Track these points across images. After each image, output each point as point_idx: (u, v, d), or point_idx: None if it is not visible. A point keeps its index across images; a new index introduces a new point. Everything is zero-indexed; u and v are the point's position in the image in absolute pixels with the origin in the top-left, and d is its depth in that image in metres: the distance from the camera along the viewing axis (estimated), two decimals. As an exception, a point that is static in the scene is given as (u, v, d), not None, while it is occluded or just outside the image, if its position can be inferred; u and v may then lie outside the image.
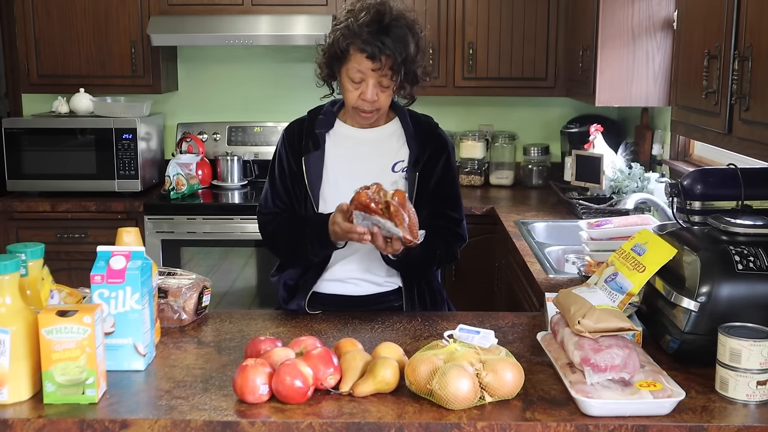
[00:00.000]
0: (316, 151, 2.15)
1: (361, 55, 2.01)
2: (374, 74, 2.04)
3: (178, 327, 1.95)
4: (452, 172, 2.21)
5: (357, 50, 2.02)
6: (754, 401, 1.51)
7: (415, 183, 2.13)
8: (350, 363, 1.59)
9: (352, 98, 2.08)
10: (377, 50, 2.00)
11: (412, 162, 2.15)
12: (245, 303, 3.94)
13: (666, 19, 3.37)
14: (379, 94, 2.07)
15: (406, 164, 2.16)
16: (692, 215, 1.92)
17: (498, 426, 1.44)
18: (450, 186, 2.20)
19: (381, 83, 2.06)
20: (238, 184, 4.27)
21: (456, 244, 2.20)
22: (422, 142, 2.17)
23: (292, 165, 2.18)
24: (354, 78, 2.06)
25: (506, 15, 4.06)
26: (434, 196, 2.16)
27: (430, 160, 2.17)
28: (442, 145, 2.20)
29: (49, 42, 4.11)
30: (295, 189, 2.18)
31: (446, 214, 2.19)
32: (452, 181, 2.21)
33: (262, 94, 4.50)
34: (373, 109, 2.10)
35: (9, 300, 1.49)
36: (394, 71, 2.03)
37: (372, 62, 2.01)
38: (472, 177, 4.38)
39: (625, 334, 1.58)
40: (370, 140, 2.20)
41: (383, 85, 2.06)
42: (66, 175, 4.00)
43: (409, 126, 2.19)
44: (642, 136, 3.88)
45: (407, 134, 2.18)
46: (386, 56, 2.01)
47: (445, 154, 2.19)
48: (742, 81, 1.89)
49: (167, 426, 1.44)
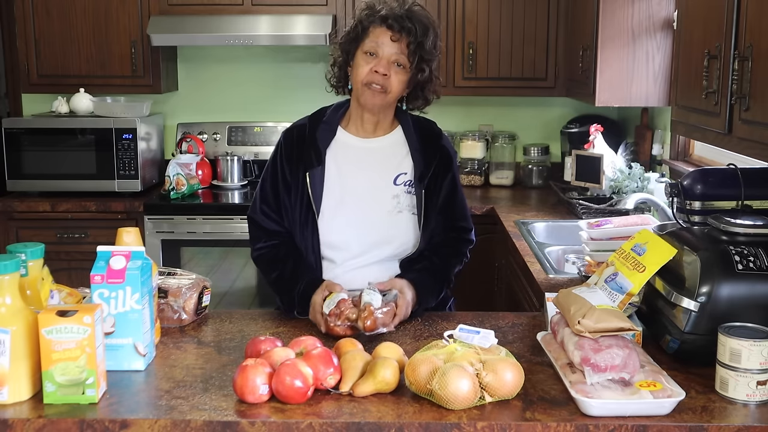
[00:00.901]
0: (319, 166, 2.11)
1: (381, 27, 2.03)
2: (391, 47, 2.03)
3: (178, 327, 1.95)
4: (458, 184, 2.22)
5: (377, 24, 2.04)
6: (754, 401, 1.51)
7: (422, 198, 2.12)
8: (350, 363, 1.59)
9: (363, 73, 2.05)
10: (397, 24, 2.02)
11: (418, 177, 2.13)
12: (245, 303, 3.94)
13: (666, 19, 3.37)
14: (391, 74, 2.04)
15: (409, 178, 2.14)
16: (692, 215, 1.92)
17: (498, 426, 1.44)
18: (458, 198, 2.20)
19: (397, 61, 2.04)
20: (238, 184, 4.27)
21: (468, 248, 2.24)
22: (427, 155, 2.15)
23: (287, 175, 2.13)
24: (369, 49, 2.05)
25: (506, 15, 4.06)
26: (444, 209, 2.16)
27: (436, 173, 2.15)
28: (447, 157, 2.18)
29: (49, 42, 4.12)
30: (286, 199, 2.14)
31: (458, 226, 2.21)
32: (459, 193, 2.21)
33: (262, 94, 4.50)
34: (382, 85, 2.05)
35: (9, 300, 1.49)
36: (410, 51, 2.03)
37: (392, 32, 2.02)
38: (472, 177, 4.38)
39: (625, 334, 1.58)
40: (372, 150, 2.17)
41: (399, 62, 2.04)
42: (66, 175, 4.00)
43: (412, 136, 2.16)
44: (642, 136, 3.88)
45: (411, 146, 2.16)
46: (406, 32, 2.02)
47: (450, 168, 2.18)
48: (742, 81, 1.89)
49: (167, 426, 1.44)
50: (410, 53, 2.03)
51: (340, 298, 1.91)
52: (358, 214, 2.11)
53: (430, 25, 2.07)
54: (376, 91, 2.06)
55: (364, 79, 2.05)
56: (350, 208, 2.11)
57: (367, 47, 2.05)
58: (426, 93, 2.15)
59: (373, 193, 2.13)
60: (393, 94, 2.08)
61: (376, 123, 2.16)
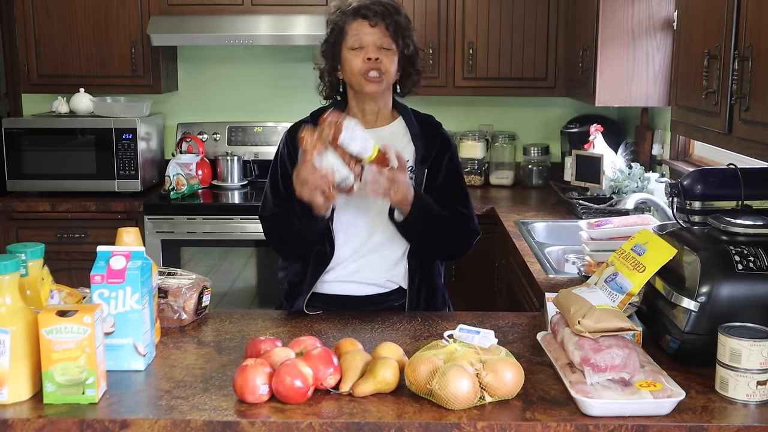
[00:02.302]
0: None
1: (357, 20, 2.10)
2: (372, 34, 2.08)
3: (178, 327, 1.95)
4: (458, 171, 2.24)
5: (352, 19, 2.11)
6: (754, 401, 1.51)
7: (423, 180, 2.14)
8: (350, 363, 1.59)
9: (356, 65, 2.09)
10: (369, 11, 2.09)
11: (420, 160, 2.16)
12: (245, 303, 3.94)
13: (666, 19, 3.37)
14: (382, 57, 2.09)
15: (412, 163, 2.16)
16: (692, 215, 1.92)
17: (498, 426, 1.44)
18: (458, 184, 2.23)
19: (381, 45, 2.09)
20: (238, 184, 4.27)
21: (469, 235, 2.21)
22: (428, 140, 2.19)
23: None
24: (354, 45, 2.10)
25: (506, 15, 4.06)
26: (443, 194, 2.17)
27: (437, 158, 2.18)
28: (447, 144, 2.22)
29: (49, 42, 4.11)
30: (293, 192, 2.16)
31: (457, 211, 2.20)
32: (460, 179, 2.24)
33: (262, 94, 4.50)
34: (378, 71, 2.09)
35: (9, 300, 1.49)
36: (391, 33, 2.09)
37: (368, 21, 2.08)
38: (472, 177, 4.38)
39: (625, 334, 1.58)
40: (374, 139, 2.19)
41: (384, 46, 2.09)
42: (66, 175, 4.00)
43: (413, 124, 2.21)
44: (642, 136, 3.88)
45: (412, 132, 2.20)
46: (380, 16, 2.08)
47: (450, 153, 2.22)
48: (742, 81, 1.89)
49: (167, 426, 1.44)
50: (391, 34, 2.10)
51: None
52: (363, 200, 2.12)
53: (396, 4, 2.15)
54: (374, 77, 2.10)
55: (360, 69, 2.09)
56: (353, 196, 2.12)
57: (350, 43, 2.11)
58: (417, 66, 2.20)
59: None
60: (389, 75, 2.13)
61: (377, 113, 2.20)
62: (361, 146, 1.91)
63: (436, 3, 4.05)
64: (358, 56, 2.09)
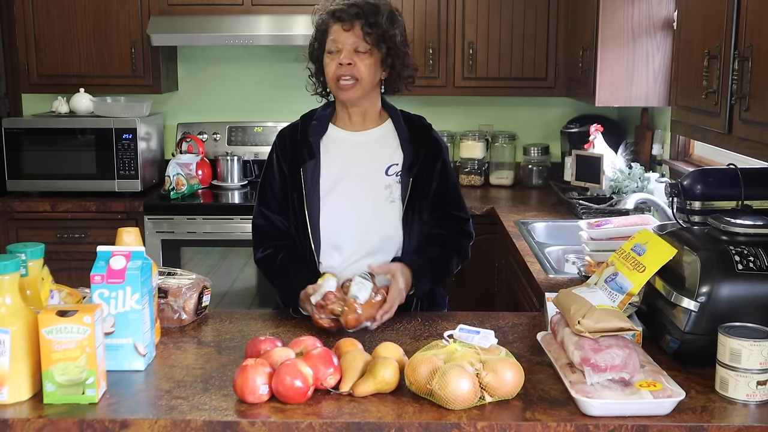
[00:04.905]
0: (311, 160, 2.14)
1: (335, 24, 2.07)
2: (347, 37, 2.05)
3: (178, 327, 1.95)
4: (451, 174, 2.22)
5: (331, 23, 2.08)
6: (754, 401, 1.51)
7: (408, 187, 2.13)
8: (350, 363, 1.59)
9: (331, 70, 2.08)
10: (345, 14, 2.05)
11: (407, 167, 2.14)
12: (245, 303, 3.94)
13: (666, 19, 3.37)
14: (356, 62, 2.06)
15: (400, 168, 2.15)
16: (692, 215, 1.92)
17: (498, 426, 1.44)
18: (451, 187, 2.21)
19: (357, 48, 2.06)
20: (238, 184, 4.27)
21: (467, 242, 2.23)
22: (416, 145, 2.16)
23: (284, 171, 2.16)
24: (331, 48, 2.08)
25: (506, 15, 4.06)
26: (437, 199, 2.17)
27: (425, 164, 2.16)
28: (436, 148, 2.19)
29: (49, 42, 4.11)
30: (287, 196, 2.16)
31: (453, 215, 2.21)
32: (453, 183, 2.23)
33: (262, 94, 4.50)
34: (350, 76, 2.06)
35: (9, 300, 1.49)
36: (365, 34, 2.05)
37: (342, 24, 2.05)
38: (472, 177, 4.38)
39: (625, 334, 1.58)
40: (363, 143, 2.19)
41: (360, 50, 2.06)
42: (66, 175, 4.00)
43: (402, 127, 2.18)
44: (642, 136, 3.88)
45: (401, 137, 2.18)
46: (357, 18, 2.05)
47: (441, 158, 2.19)
48: (742, 81, 1.89)
49: (167, 426, 1.44)
50: (365, 35, 2.06)
51: (327, 291, 1.91)
52: (354, 204, 2.13)
53: (378, 3, 2.10)
54: (346, 84, 2.08)
55: (332, 75, 2.08)
56: (345, 199, 2.12)
57: (328, 47, 2.10)
58: (407, 63, 2.15)
59: (366, 183, 2.15)
60: (365, 80, 2.09)
61: (363, 115, 2.18)
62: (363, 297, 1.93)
63: (436, 3, 4.05)
64: (333, 60, 2.08)
